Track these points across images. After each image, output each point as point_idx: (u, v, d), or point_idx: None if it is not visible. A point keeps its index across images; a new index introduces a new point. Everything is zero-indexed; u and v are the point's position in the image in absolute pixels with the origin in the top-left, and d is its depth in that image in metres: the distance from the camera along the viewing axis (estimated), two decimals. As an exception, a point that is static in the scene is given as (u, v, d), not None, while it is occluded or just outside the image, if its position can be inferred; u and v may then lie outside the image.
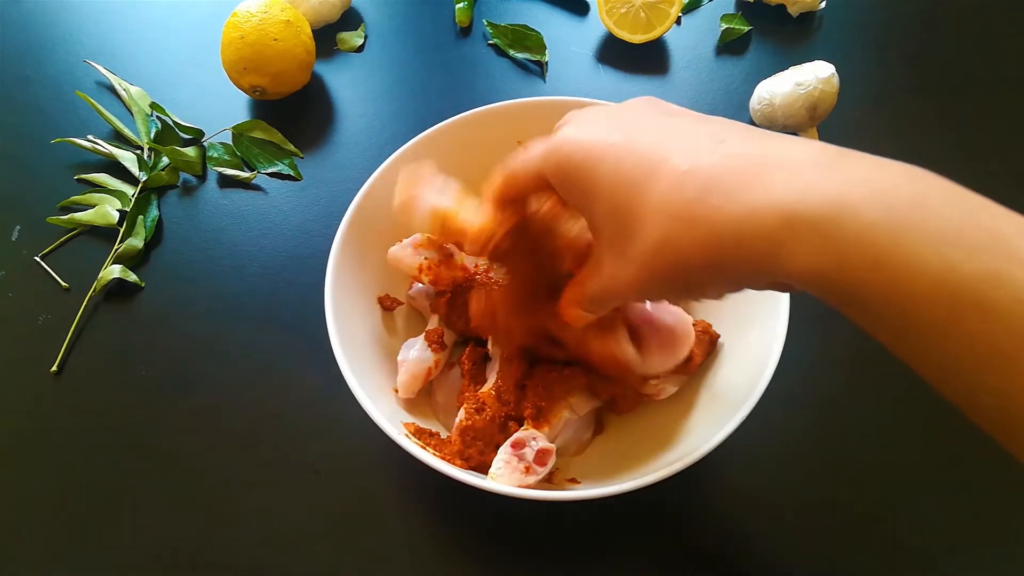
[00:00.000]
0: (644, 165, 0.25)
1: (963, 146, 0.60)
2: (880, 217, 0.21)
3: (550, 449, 0.38)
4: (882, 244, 0.21)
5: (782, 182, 0.22)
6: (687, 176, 0.24)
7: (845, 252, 0.21)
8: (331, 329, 0.42)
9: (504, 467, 0.37)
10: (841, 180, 0.22)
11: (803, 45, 0.68)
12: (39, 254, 0.57)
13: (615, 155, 0.26)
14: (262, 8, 0.60)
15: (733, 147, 0.24)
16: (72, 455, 0.49)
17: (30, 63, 0.70)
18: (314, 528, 0.45)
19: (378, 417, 0.38)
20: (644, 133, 0.26)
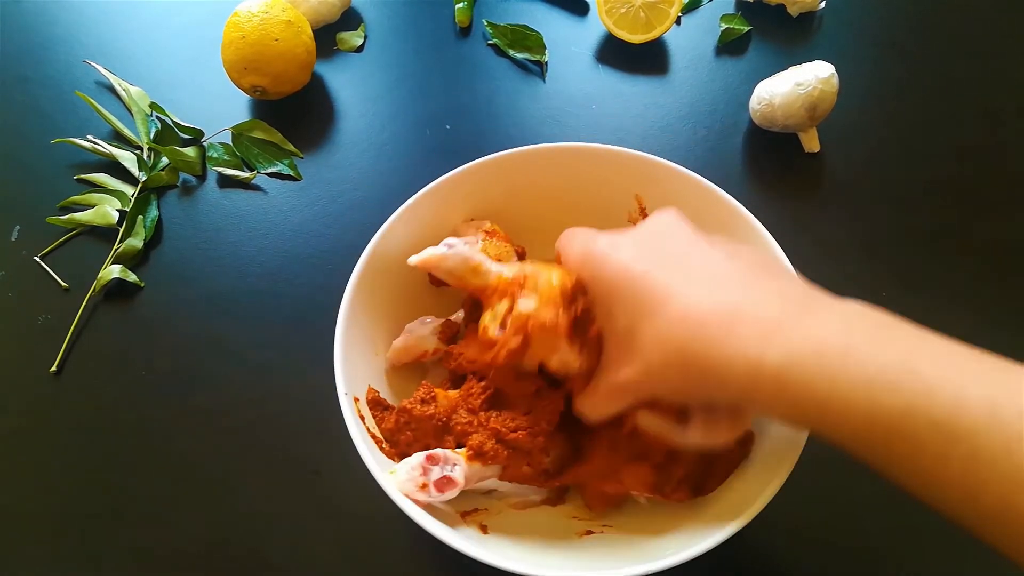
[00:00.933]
0: (652, 300, 0.30)
1: (963, 146, 0.60)
2: (817, 371, 0.25)
3: (456, 482, 0.36)
4: (822, 393, 0.25)
5: (749, 339, 0.27)
6: (682, 320, 0.29)
7: (797, 402, 0.26)
8: (346, 298, 0.41)
9: (407, 471, 0.36)
10: (794, 337, 0.27)
11: (803, 45, 0.68)
12: (39, 254, 0.57)
13: (634, 285, 0.31)
14: (263, 8, 0.60)
15: (722, 294, 0.29)
16: (72, 455, 0.49)
17: (30, 63, 0.70)
18: (314, 528, 0.45)
19: (339, 369, 0.38)
20: (659, 268, 0.31)
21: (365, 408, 0.40)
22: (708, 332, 0.28)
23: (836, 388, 0.25)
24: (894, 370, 0.24)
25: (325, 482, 0.47)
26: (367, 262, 0.43)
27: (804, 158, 0.60)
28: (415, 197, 0.45)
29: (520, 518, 0.41)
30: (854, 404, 0.24)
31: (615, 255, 0.33)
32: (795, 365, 0.26)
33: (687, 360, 0.29)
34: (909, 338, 0.26)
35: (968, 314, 0.52)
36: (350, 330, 0.41)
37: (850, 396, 0.24)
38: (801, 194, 0.59)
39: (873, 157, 0.60)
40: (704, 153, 0.61)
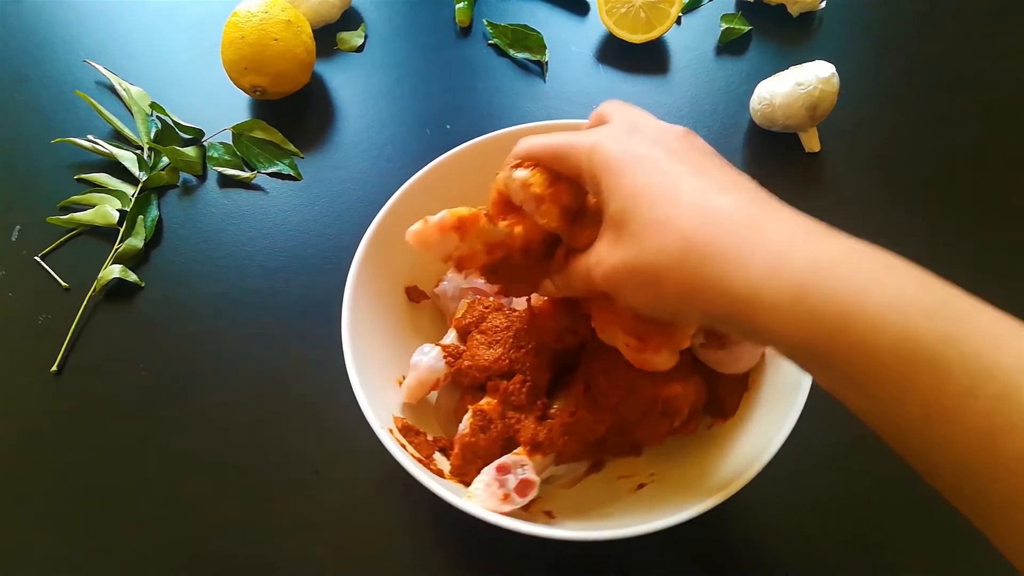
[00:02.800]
0: (664, 183, 0.28)
1: (963, 146, 0.60)
2: (849, 278, 0.23)
3: (533, 482, 0.37)
4: (849, 302, 0.23)
5: (773, 240, 0.25)
6: (692, 210, 0.27)
7: (816, 309, 0.24)
8: (345, 310, 0.41)
9: (484, 489, 0.36)
10: (821, 246, 0.25)
11: (803, 45, 0.68)
12: (39, 254, 0.57)
13: (646, 165, 0.29)
14: (263, 8, 0.60)
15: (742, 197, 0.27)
16: (72, 455, 0.49)
17: (30, 63, 0.70)
18: (314, 527, 0.45)
19: (366, 406, 0.38)
20: (672, 158, 0.29)
21: (400, 436, 0.40)
22: (725, 224, 0.26)
23: (866, 302, 0.23)
24: (930, 298, 0.23)
25: (325, 482, 0.47)
26: (363, 256, 0.43)
27: (804, 158, 0.60)
28: (407, 184, 0.47)
29: (575, 495, 0.42)
30: (884, 321, 0.22)
31: (627, 141, 0.30)
32: (823, 271, 0.24)
33: (688, 249, 0.26)
34: (942, 281, 0.24)
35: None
36: (362, 364, 0.40)
37: (882, 312, 0.22)
38: (802, 194, 0.59)
39: (873, 157, 0.60)
40: (704, 153, 0.61)
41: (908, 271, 0.24)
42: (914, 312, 0.22)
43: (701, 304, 0.27)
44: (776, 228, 0.26)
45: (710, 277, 0.26)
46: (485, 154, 0.47)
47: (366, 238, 0.45)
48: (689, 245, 0.26)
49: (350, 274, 0.43)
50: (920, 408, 0.22)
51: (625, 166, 0.29)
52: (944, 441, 0.22)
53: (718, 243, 0.26)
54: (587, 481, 0.43)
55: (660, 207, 0.28)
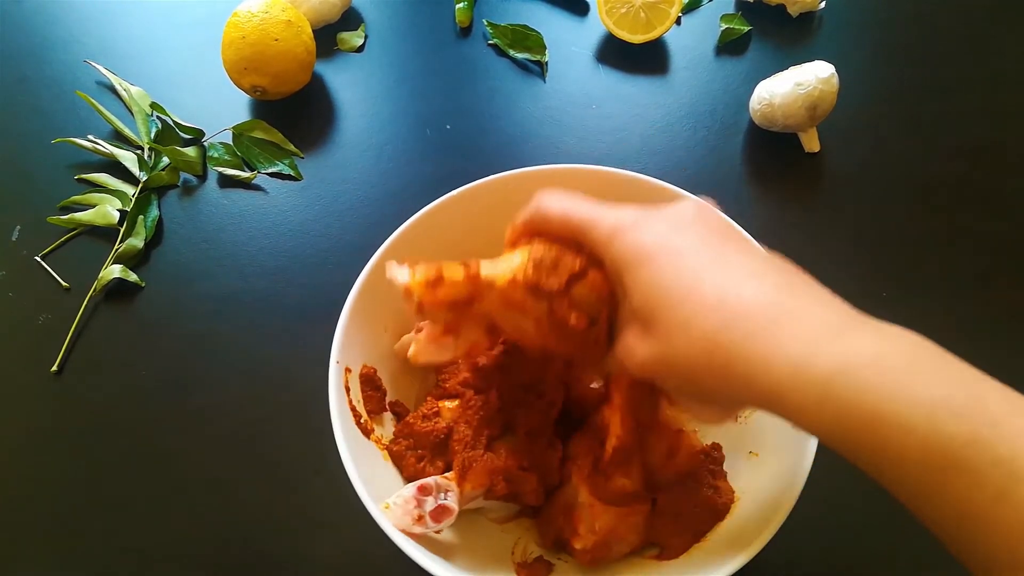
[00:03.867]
0: (680, 282, 0.28)
1: (963, 146, 0.60)
2: (876, 381, 0.23)
3: (452, 510, 0.36)
4: (876, 405, 0.23)
5: (797, 337, 0.25)
6: (717, 306, 0.27)
7: (843, 411, 0.23)
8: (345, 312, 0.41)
9: (401, 505, 0.35)
10: (845, 345, 0.24)
11: (803, 45, 0.68)
12: (39, 254, 0.57)
13: (660, 263, 0.29)
14: (263, 8, 0.60)
15: (763, 291, 0.27)
16: (72, 455, 0.49)
17: (30, 63, 0.70)
18: (314, 528, 0.45)
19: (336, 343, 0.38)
20: (687, 251, 0.29)
21: (356, 382, 0.40)
22: (745, 323, 0.26)
23: (893, 405, 0.22)
24: (961, 398, 0.22)
25: (325, 482, 0.47)
26: (399, 238, 0.43)
27: (804, 158, 0.60)
28: (465, 188, 0.45)
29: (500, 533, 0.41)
30: (911, 425, 0.22)
31: (648, 228, 0.30)
32: (849, 373, 0.23)
33: (714, 349, 0.26)
34: (973, 372, 0.24)
35: (969, 313, 0.52)
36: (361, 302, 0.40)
37: (909, 416, 0.22)
38: (801, 194, 0.59)
39: (873, 157, 0.60)
40: (704, 153, 0.61)
41: (937, 368, 0.24)
42: (943, 415, 0.22)
43: (737, 396, 0.27)
44: (800, 324, 0.25)
45: (738, 375, 0.26)
46: (496, 192, 0.45)
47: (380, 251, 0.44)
48: (714, 347, 0.26)
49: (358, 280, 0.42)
50: (952, 510, 0.22)
51: (645, 260, 0.29)
52: (975, 541, 0.22)
53: (740, 343, 0.26)
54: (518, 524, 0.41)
55: (683, 306, 0.27)
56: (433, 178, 0.60)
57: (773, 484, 0.37)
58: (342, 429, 0.37)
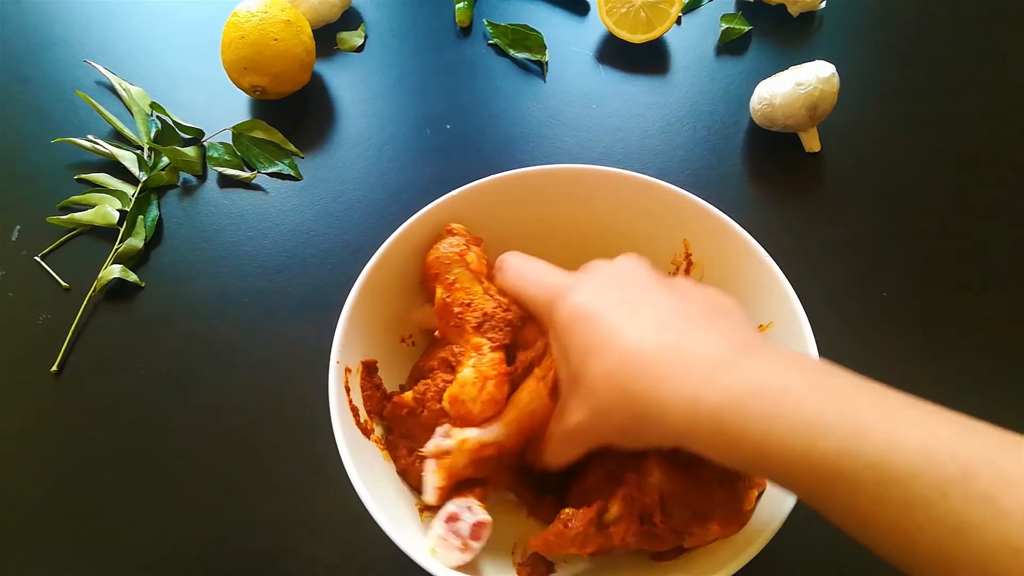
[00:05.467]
0: (600, 340, 0.31)
1: (963, 146, 0.60)
2: (756, 409, 0.26)
3: (486, 522, 0.36)
4: (760, 435, 0.25)
5: (688, 380, 0.28)
6: (624, 359, 0.30)
7: (733, 441, 0.26)
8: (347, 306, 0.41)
9: (441, 545, 0.35)
10: (730, 380, 0.27)
11: (803, 45, 0.68)
12: (39, 254, 0.57)
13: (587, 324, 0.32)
14: (262, 8, 0.60)
15: (665, 337, 0.30)
16: (72, 455, 0.49)
17: (30, 63, 0.70)
18: (313, 528, 0.45)
19: (336, 343, 0.39)
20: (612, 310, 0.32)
21: (356, 381, 0.40)
22: (649, 371, 0.29)
23: (773, 429, 0.25)
24: (831, 412, 0.24)
25: (324, 482, 0.47)
26: (395, 242, 0.43)
27: (804, 158, 0.60)
28: (468, 187, 0.44)
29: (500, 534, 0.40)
30: (791, 445, 0.24)
31: (574, 295, 0.34)
32: (733, 406, 0.26)
33: (630, 398, 0.29)
34: (847, 383, 0.26)
35: (969, 313, 0.52)
36: (361, 302, 0.41)
37: (787, 437, 0.25)
38: (801, 194, 0.59)
39: (873, 157, 0.60)
40: (704, 153, 0.61)
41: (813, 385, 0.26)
42: (816, 431, 0.24)
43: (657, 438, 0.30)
44: (694, 364, 0.28)
45: (651, 420, 0.29)
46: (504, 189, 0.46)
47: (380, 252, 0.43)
48: (629, 396, 0.29)
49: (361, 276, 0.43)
50: (843, 515, 0.24)
51: (572, 325, 0.33)
52: (873, 543, 0.24)
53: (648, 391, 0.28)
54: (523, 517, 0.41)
55: (603, 362, 0.30)
56: (433, 178, 0.60)
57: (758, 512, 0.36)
58: (342, 430, 0.37)
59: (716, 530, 0.36)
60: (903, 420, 0.24)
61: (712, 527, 0.36)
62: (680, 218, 0.44)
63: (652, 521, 0.35)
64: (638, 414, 0.29)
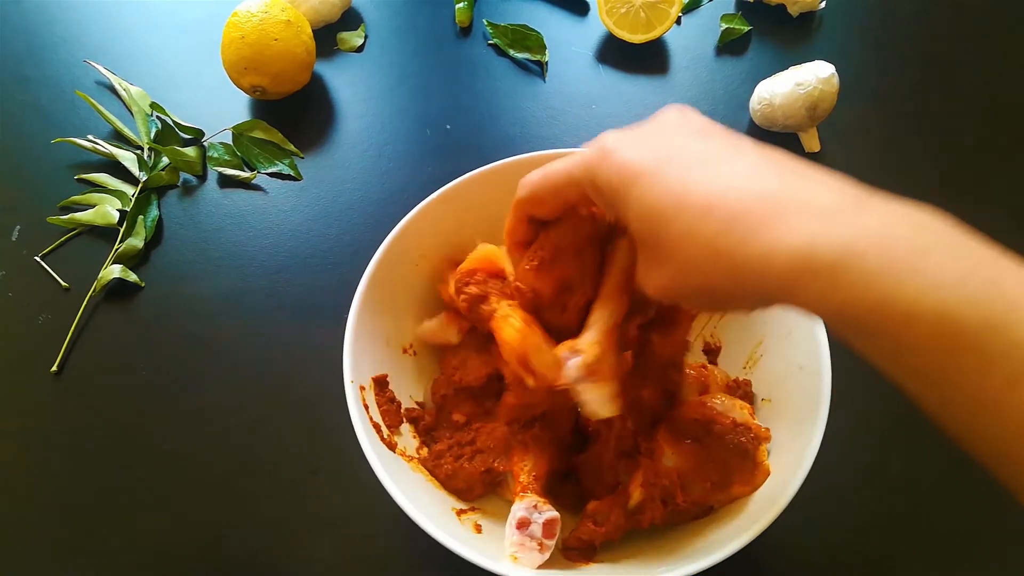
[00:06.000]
0: (670, 195, 0.27)
1: (963, 145, 0.60)
2: (884, 265, 0.22)
3: (555, 518, 0.37)
4: (884, 290, 0.22)
5: (798, 227, 0.24)
6: (710, 211, 0.26)
7: (851, 296, 0.23)
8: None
9: (520, 550, 0.36)
10: (852, 229, 0.23)
11: (803, 45, 0.68)
12: (39, 254, 0.57)
13: (647, 181, 0.28)
14: (262, 8, 0.60)
15: (756, 183, 0.26)
16: (72, 455, 0.49)
17: (30, 63, 0.70)
18: (313, 527, 0.45)
19: (346, 364, 0.39)
20: (672, 160, 0.28)
21: (371, 397, 0.41)
22: (743, 219, 0.25)
23: (902, 289, 0.22)
24: (974, 281, 0.21)
25: (324, 482, 0.47)
26: (383, 256, 0.43)
27: (804, 158, 0.60)
28: (438, 193, 0.45)
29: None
30: (922, 310, 0.21)
31: (620, 154, 0.29)
32: (856, 256, 0.23)
33: (718, 255, 0.25)
34: (990, 253, 0.23)
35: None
36: (362, 319, 0.41)
37: (919, 300, 0.21)
38: (801, 194, 0.59)
39: (873, 157, 0.60)
40: (704, 153, 0.61)
41: (950, 248, 0.23)
42: (954, 300, 0.21)
43: (752, 296, 0.26)
44: (799, 214, 0.24)
45: (745, 276, 0.25)
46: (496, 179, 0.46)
47: (389, 239, 0.44)
48: (716, 254, 0.25)
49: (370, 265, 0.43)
50: (962, 396, 0.22)
51: (631, 181, 0.28)
52: (986, 429, 0.21)
53: (742, 244, 0.25)
54: None
55: (678, 219, 0.26)
56: (433, 178, 0.60)
57: (777, 473, 0.37)
58: (374, 451, 0.37)
59: (739, 490, 0.37)
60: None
61: (734, 489, 0.37)
62: None
63: (675, 502, 0.36)
64: (730, 271, 0.25)
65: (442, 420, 0.44)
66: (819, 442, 0.35)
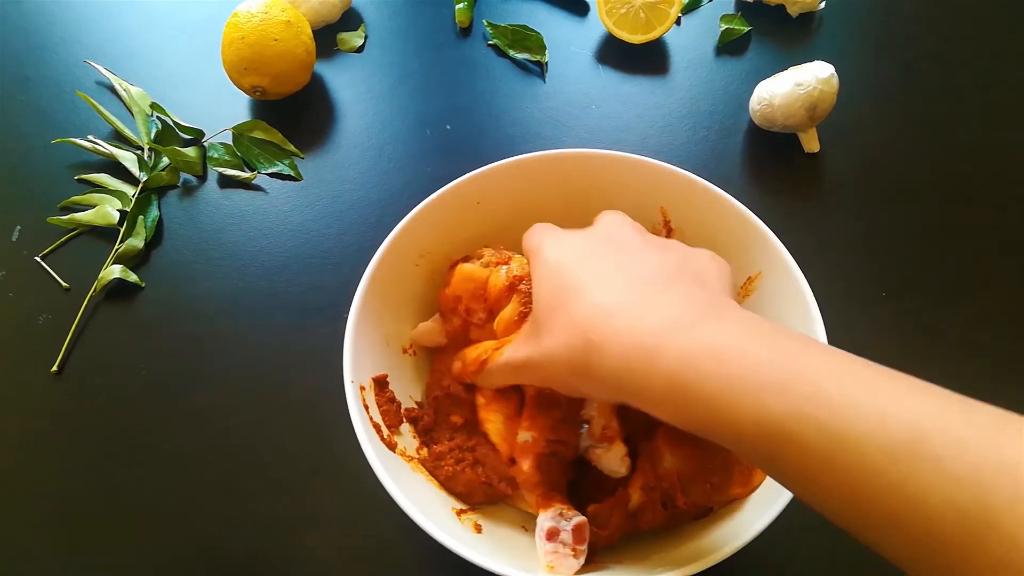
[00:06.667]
0: (572, 290, 0.31)
1: (963, 146, 0.60)
2: (711, 371, 0.25)
3: (584, 522, 0.37)
4: (713, 396, 0.25)
5: (649, 334, 0.28)
6: (590, 314, 0.30)
7: (688, 403, 0.26)
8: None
9: (555, 560, 0.36)
10: (690, 340, 0.27)
11: (803, 45, 0.68)
12: (39, 254, 0.57)
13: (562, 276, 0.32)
14: (262, 8, 0.60)
15: (630, 295, 0.30)
16: (72, 455, 0.49)
17: (30, 63, 0.70)
18: (313, 528, 0.45)
19: (346, 364, 0.39)
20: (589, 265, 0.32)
21: (371, 397, 0.40)
22: (611, 323, 0.29)
23: (727, 391, 0.25)
24: (786, 374, 0.24)
25: (324, 482, 0.47)
26: (383, 256, 0.43)
27: (804, 158, 0.60)
28: (438, 193, 0.45)
29: (517, 514, 0.41)
30: (744, 407, 0.24)
31: (557, 249, 0.34)
32: (689, 366, 0.26)
33: (587, 348, 0.29)
34: (806, 347, 0.26)
35: (968, 313, 0.52)
36: (362, 319, 0.41)
37: (741, 398, 0.24)
38: (801, 194, 0.59)
39: (873, 157, 0.60)
40: (704, 153, 0.61)
41: (766, 347, 0.26)
42: (769, 394, 0.24)
43: (600, 393, 0.31)
44: (651, 320, 0.28)
45: (602, 372, 0.29)
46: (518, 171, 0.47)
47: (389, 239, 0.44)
48: (582, 346, 0.29)
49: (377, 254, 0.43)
50: (792, 479, 0.24)
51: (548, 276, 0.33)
52: (822, 505, 0.24)
53: (604, 345, 0.28)
54: None
55: (565, 315, 0.30)
56: (433, 178, 0.60)
57: (770, 481, 0.37)
58: (374, 452, 0.37)
59: (737, 491, 0.37)
60: (860, 384, 0.23)
61: (733, 490, 0.37)
62: (654, 186, 0.46)
63: (675, 504, 0.37)
64: (591, 365, 0.29)
65: (440, 421, 0.44)
66: None
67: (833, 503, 0.23)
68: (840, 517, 0.23)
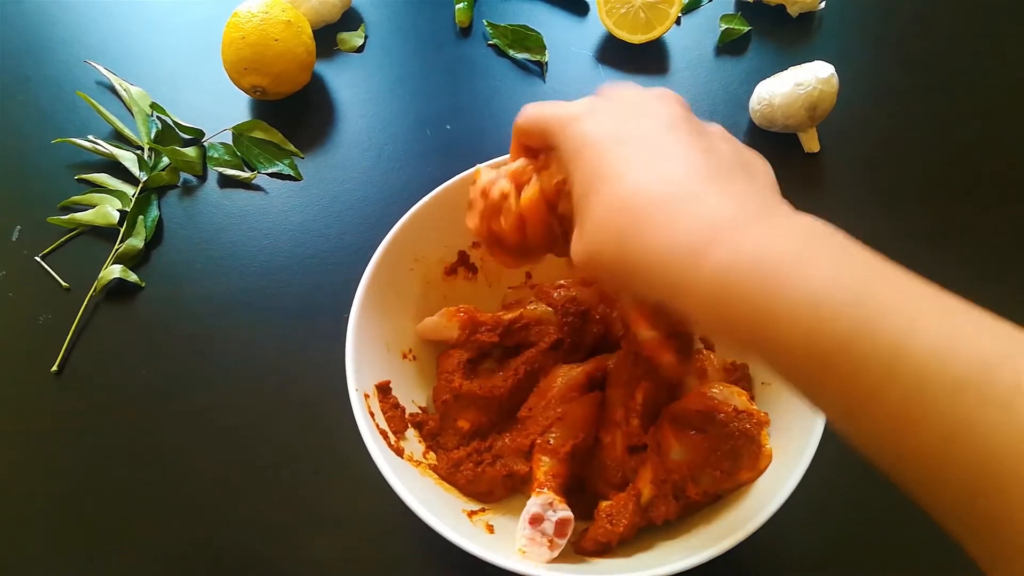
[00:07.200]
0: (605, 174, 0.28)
1: (962, 146, 0.60)
2: (762, 276, 0.23)
3: (568, 519, 0.37)
4: (760, 306, 0.23)
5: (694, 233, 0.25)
6: (627, 201, 0.27)
7: (729, 310, 0.24)
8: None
9: (530, 545, 0.36)
10: (739, 242, 0.24)
11: (803, 45, 0.68)
12: (39, 254, 0.57)
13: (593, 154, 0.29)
14: (263, 8, 0.60)
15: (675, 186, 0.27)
16: (72, 455, 0.49)
17: (30, 63, 0.70)
18: (313, 527, 0.45)
19: (350, 373, 0.39)
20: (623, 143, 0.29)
21: (376, 404, 0.41)
22: (649, 219, 0.26)
23: (777, 301, 0.23)
24: (845, 290, 0.22)
25: (324, 482, 0.47)
26: (380, 261, 0.43)
27: (804, 158, 0.60)
28: (433, 194, 0.45)
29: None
30: (795, 321, 0.22)
31: (586, 122, 0.31)
32: (735, 270, 0.24)
33: (624, 244, 0.27)
34: (867, 261, 0.24)
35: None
36: (361, 326, 0.41)
37: (792, 312, 0.22)
38: (800, 194, 0.58)
39: (873, 157, 0.60)
40: (704, 153, 0.61)
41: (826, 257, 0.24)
42: (827, 308, 0.22)
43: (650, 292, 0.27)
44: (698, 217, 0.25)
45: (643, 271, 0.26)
46: None
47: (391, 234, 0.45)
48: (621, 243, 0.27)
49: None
50: (839, 394, 0.22)
51: (583, 149, 0.29)
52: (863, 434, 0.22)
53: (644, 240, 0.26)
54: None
55: (601, 201, 0.28)
56: (433, 178, 0.59)
57: (782, 456, 0.37)
58: (384, 459, 0.37)
59: (746, 476, 0.37)
60: (924, 309, 0.22)
61: (742, 475, 0.37)
62: None
63: (686, 495, 0.37)
64: (630, 264, 0.27)
65: (447, 426, 0.44)
66: (824, 422, 0.36)
67: (879, 432, 0.21)
68: (882, 451, 0.22)
